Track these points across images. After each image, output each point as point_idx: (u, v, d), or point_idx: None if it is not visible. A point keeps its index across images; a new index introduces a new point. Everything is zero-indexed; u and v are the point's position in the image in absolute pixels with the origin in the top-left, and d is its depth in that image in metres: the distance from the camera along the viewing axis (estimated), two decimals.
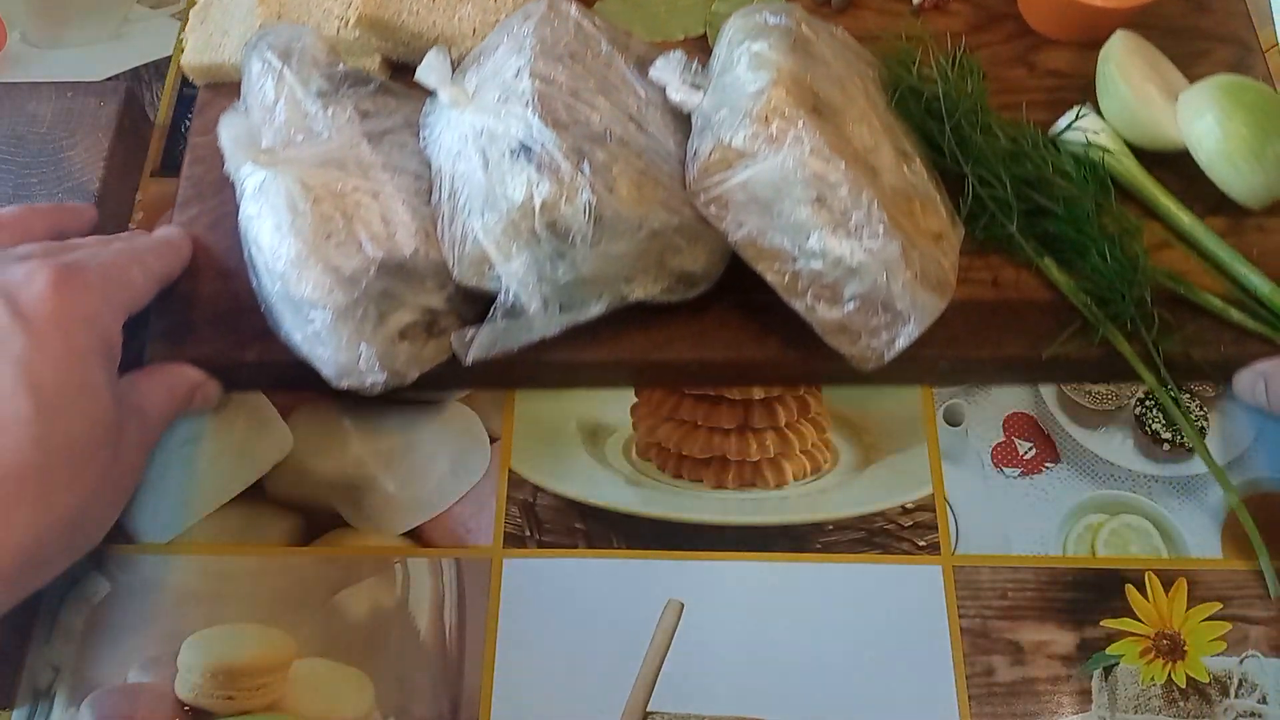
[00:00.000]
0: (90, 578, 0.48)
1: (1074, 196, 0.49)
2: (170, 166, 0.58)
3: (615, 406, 0.52)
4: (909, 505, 0.49)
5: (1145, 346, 0.48)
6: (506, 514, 0.49)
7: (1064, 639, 0.46)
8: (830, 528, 0.49)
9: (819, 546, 0.48)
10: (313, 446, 0.51)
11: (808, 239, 0.44)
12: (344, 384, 0.45)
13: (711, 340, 0.49)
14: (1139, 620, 0.47)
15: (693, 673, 0.46)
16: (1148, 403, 0.51)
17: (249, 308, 0.46)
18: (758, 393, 0.50)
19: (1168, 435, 0.51)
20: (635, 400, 0.52)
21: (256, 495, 0.50)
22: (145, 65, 0.62)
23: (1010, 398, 0.52)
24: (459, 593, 0.48)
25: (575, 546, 0.49)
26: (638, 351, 0.49)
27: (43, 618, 0.47)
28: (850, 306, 0.45)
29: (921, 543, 0.48)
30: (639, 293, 0.47)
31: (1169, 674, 0.46)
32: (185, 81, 0.61)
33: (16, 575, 0.38)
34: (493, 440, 0.51)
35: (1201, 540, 0.48)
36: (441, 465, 0.50)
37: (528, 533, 0.49)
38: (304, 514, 0.50)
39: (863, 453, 0.51)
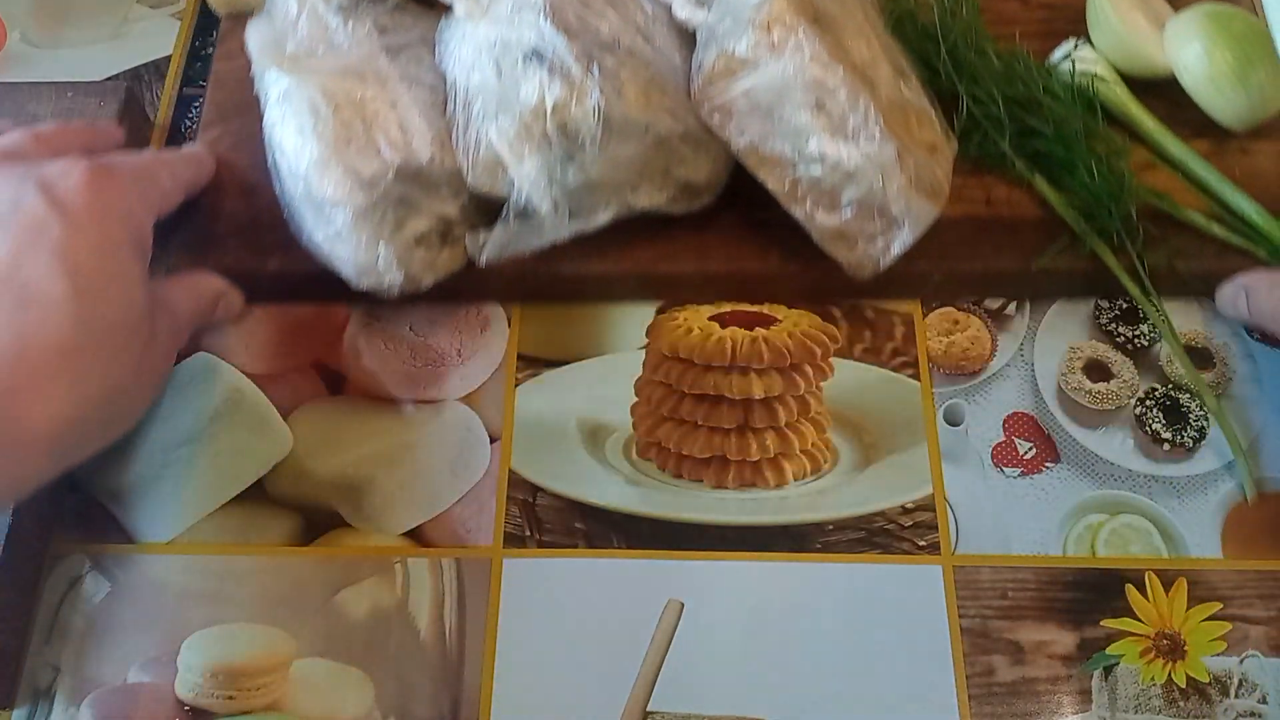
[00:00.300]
0: (90, 577, 0.48)
1: (1064, 118, 0.52)
2: None
3: (615, 406, 0.52)
4: (909, 505, 0.49)
5: (1131, 260, 0.51)
6: (506, 514, 0.49)
7: (1064, 639, 0.46)
8: (830, 528, 0.49)
9: (819, 546, 0.48)
10: (313, 446, 0.51)
11: (807, 144, 0.45)
12: (363, 284, 0.48)
13: (714, 253, 0.51)
14: (1139, 620, 0.47)
15: (693, 673, 0.46)
16: (1148, 402, 0.51)
17: (269, 222, 0.49)
18: (758, 392, 0.50)
19: (1168, 435, 0.51)
20: (635, 400, 0.52)
21: (256, 495, 0.50)
22: (145, 65, 0.62)
23: (1010, 397, 0.52)
24: (459, 593, 0.48)
25: (575, 546, 0.49)
26: (643, 264, 0.51)
27: (42, 618, 0.47)
28: (848, 212, 0.47)
29: (921, 543, 0.48)
30: (645, 201, 0.49)
31: (1169, 674, 0.46)
32: (185, 81, 0.61)
33: (56, 446, 0.40)
34: (493, 440, 0.51)
35: (1201, 540, 0.48)
36: (441, 465, 0.50)
37: (528, 533, 0.49)
38: (304, 514, 0.50)
39: (863, 453, 0.51)
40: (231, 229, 0.52)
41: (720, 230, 0.51)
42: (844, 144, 0.45)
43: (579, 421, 0.52)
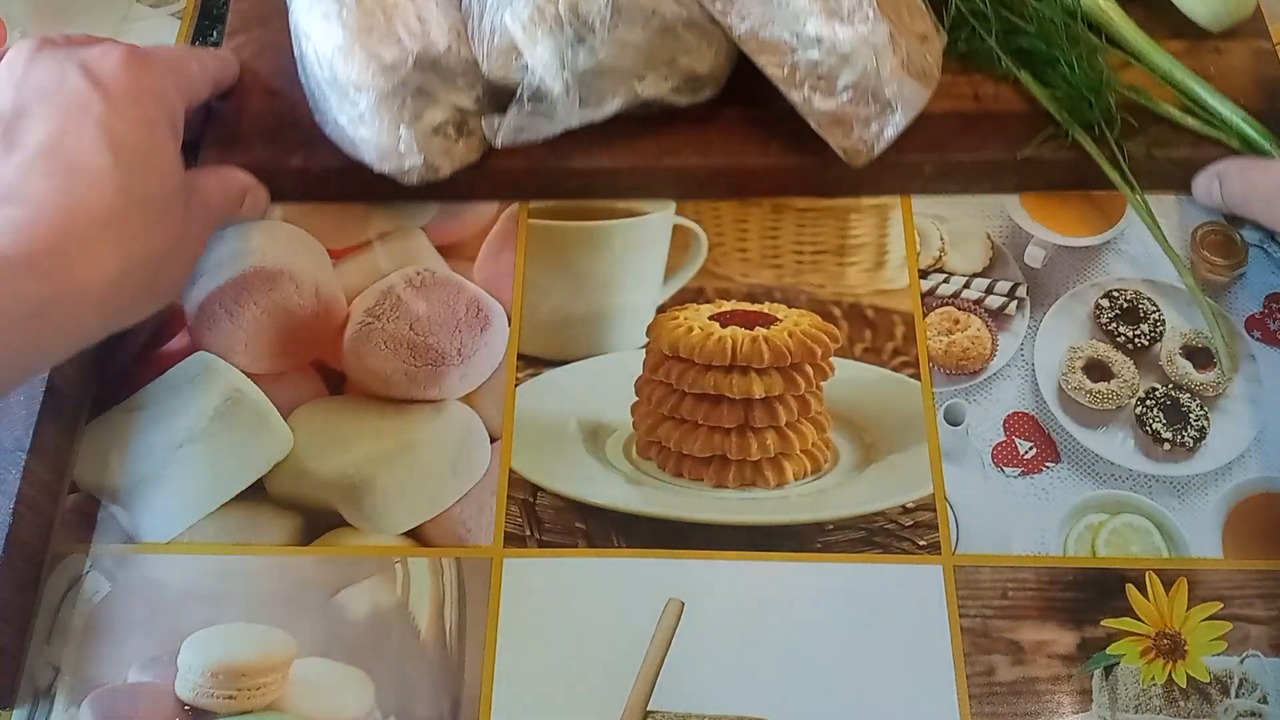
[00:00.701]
0: (90, 577, 0.48)
1: (1044, 15, 0.55)
2: None
3: (615, 406, 0.52)
4: (909, 505, 0.49)
5: (1111, 150, 0.53)
6: (506, 514, 0.49)
7: (1064, 639, 0.46)
8: (830, 527, 0.49)
9: (819, 546, 0.48)
10: (313, 446, 0.51)
11: (805, 26, 0.49)
12: (384, 167, 0.51)
13: (717, 147, 0.54)
14: (1139, 620, 0.47)
15: (693, 672, 0.46)
16: (1148, 402, 0.52)
17: (292, 122, 0.54)
18: (758, 391, 0.50)
19: (1168, 435, 0.51)
20: (635, 399, 0.52)
21: (256, 495, 0.50)
22: None
23: (1011, 397, 0.52)
24: (459, 592, 0.48)
25: (575, 546, 0.49)
26: (649, 157, 0.54)
27: (42, 618, 0.47)
28: (844, 97, 0.50)
29: (922, 542, 0.48)
30: (650, 90, 0.51)
31: (1169, 674, 0.46)
32: None
33: (105, 305, 0.42)
34: (493, 440, 0.51)
35: (1202, 540, 0.48)
36: (441, 465, 0.50)
37: (528, 532, 0.49)
38: (304, 514, 0.50)
39: (863, 452, 0.51)
40: (256, 129, 0.55)
41: (723, 125, 0.54)
42: (840, 25, 0.48)
43: (579, 421, 0.52)
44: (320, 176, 0.54)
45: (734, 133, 0.54)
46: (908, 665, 0.46)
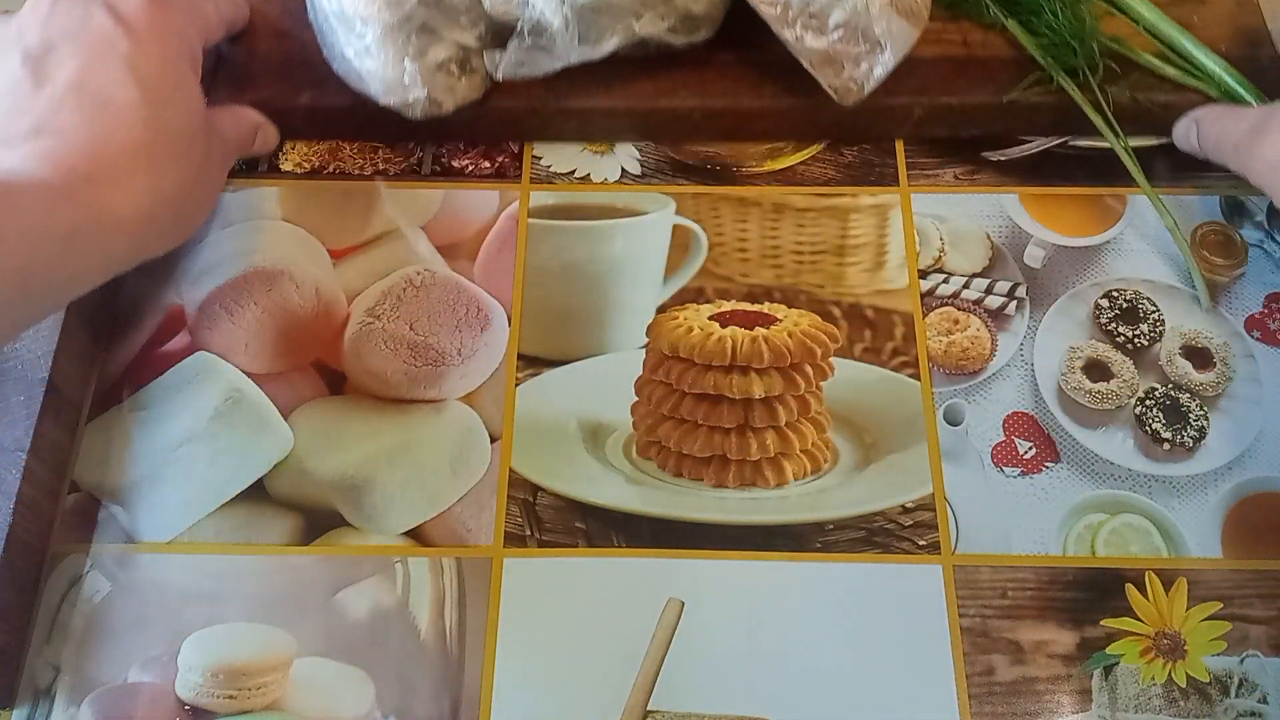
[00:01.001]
0: (90, 577, 0.48)
1: None
2: None
3: (615, 406, 0.52)
4: (909, 505, 0.49)
5: (1095, 95, 0.55)
6: (507, 513, 0.49)
7: (1064, 638, 0.46)
8: (830, 527, 0.49)
9: (819, 546, 0.48)
10: (313, 446, 0.51)
11: None
12: (390, 100, 0.53)
13: (713, 89, 0.56)
14: (1139, 620, 0.47)
15: (693, 672, 0.46)
16: (1148, 402, 0.52)
17: (301, 62, 0.56)
18: (758, 391, 0.50)
19: (1168, 435, 0.51)
20: (635, 399, 0.52)
21: (256, 495, 0.50)
22: None
23: (1010, 397, 0.52)
24: (459, 592, 0.48)
25: (575, 546, 0.49)
26: (645, 99, 0.56)
27: (42, 618, 0.47)
28: (835, 36, 0.51)
29: (922, 542, 0.48)
30: (648, 29, 0.53)
31: (1169, 674, 0.46)
32: None
33: (136, 233, 0.44)
34: (493, 440, 0.51)
35: (1201, 540, 0.48)
36: (441, 465, 0.50)
37: (528, 532, 0.49)
38: (304, 514, 0.50)
39: (863, 452, 0.51)
40: (265, 68, 0.56)
41: (719, 68, 0.56)
42: None
43: (579, 421, 0.52)
44: (328, 114, 0.56)
45: (729, 75, 0.56)
46: (908, 664, 0.46)
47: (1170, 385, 0.52)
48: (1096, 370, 0.53)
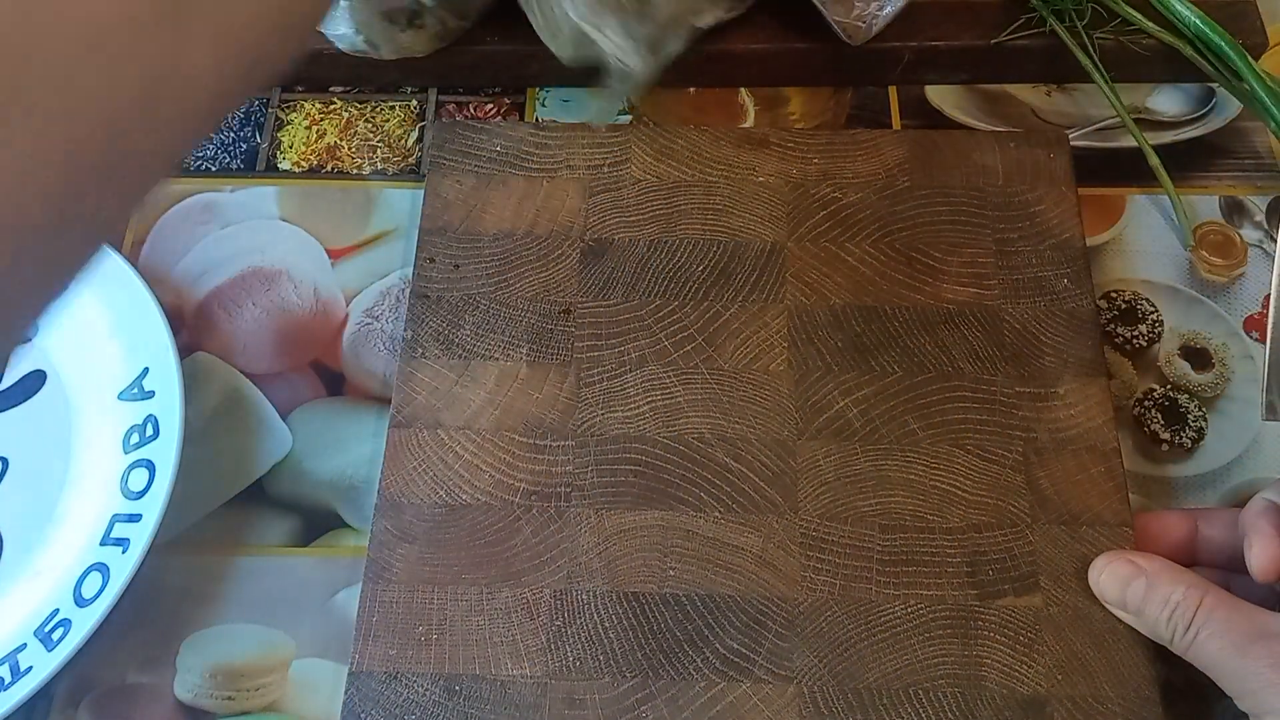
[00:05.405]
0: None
1: None
2: None
3: None
4: None
5: (1082, 39, 0.57)
6: None
7: None
8: None
9: None
10: (313, 446, 0.51)
11: None
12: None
13: (708, 33, 0.56)
14: None
15: None
16: (1146, 403, 0.52)
17: None
18: None
19: (1166, 435, 0.51)
20: None
21: (256, 495, 0.50)
22: None
23: None
24: None
25: None
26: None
27: None
28: None
29: None
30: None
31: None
32: None
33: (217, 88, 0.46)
34: None
35: None
36: None
37: None
38: (303, 514, 0.50)
39: None
40: None
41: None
42: None
43: None
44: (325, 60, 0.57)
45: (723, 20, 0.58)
46: None
47: (1169, 386, 0.52)
48: None
